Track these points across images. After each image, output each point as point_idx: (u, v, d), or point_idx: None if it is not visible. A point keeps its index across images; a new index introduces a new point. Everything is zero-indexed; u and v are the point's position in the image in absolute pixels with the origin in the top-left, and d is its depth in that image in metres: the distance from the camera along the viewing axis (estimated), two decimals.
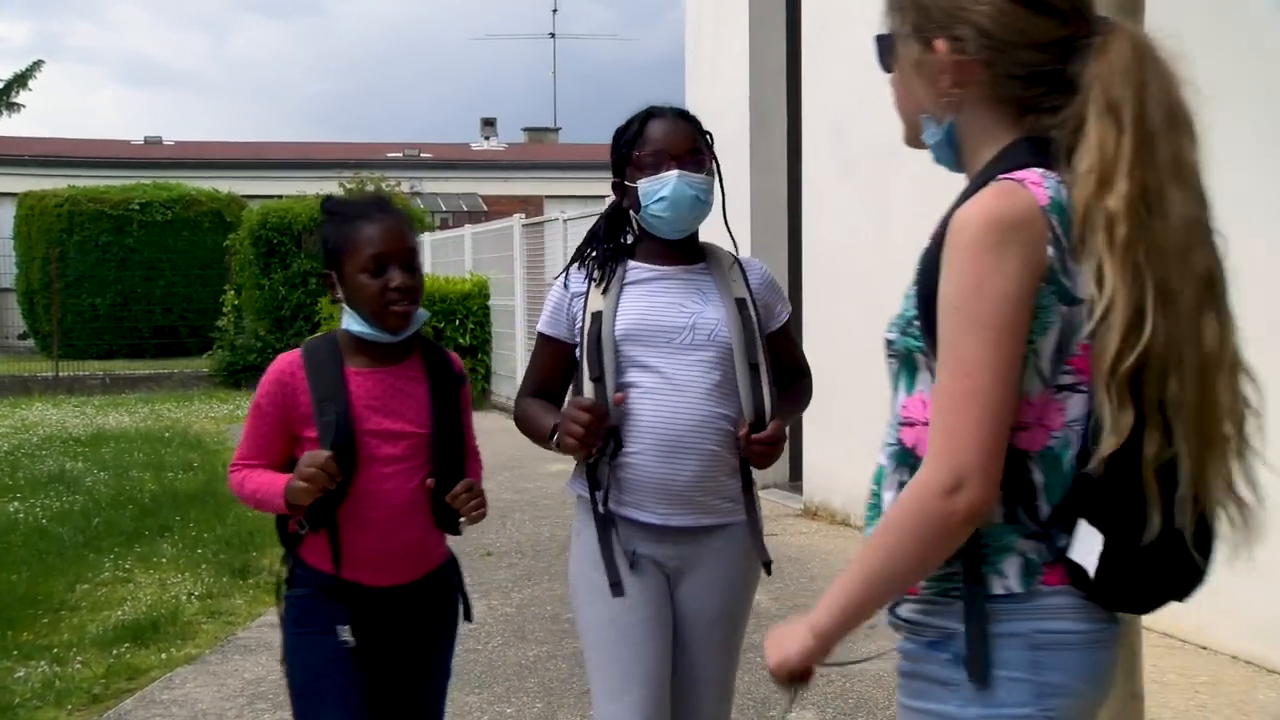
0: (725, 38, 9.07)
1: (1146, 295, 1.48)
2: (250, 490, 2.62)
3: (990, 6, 1.59)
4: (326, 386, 2.60)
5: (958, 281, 1.52)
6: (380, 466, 2.60)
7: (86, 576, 6.49)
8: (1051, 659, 1.57)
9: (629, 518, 2.63)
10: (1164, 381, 1.50)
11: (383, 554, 2.63)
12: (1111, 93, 1.53)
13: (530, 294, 13.39)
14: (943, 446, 1.51)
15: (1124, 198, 1.50)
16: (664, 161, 2.64)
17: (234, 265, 18.89)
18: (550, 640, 5.30)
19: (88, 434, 12.41)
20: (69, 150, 27.83)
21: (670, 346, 2.61)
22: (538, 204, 24.22)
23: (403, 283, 2.58)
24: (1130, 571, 1.55)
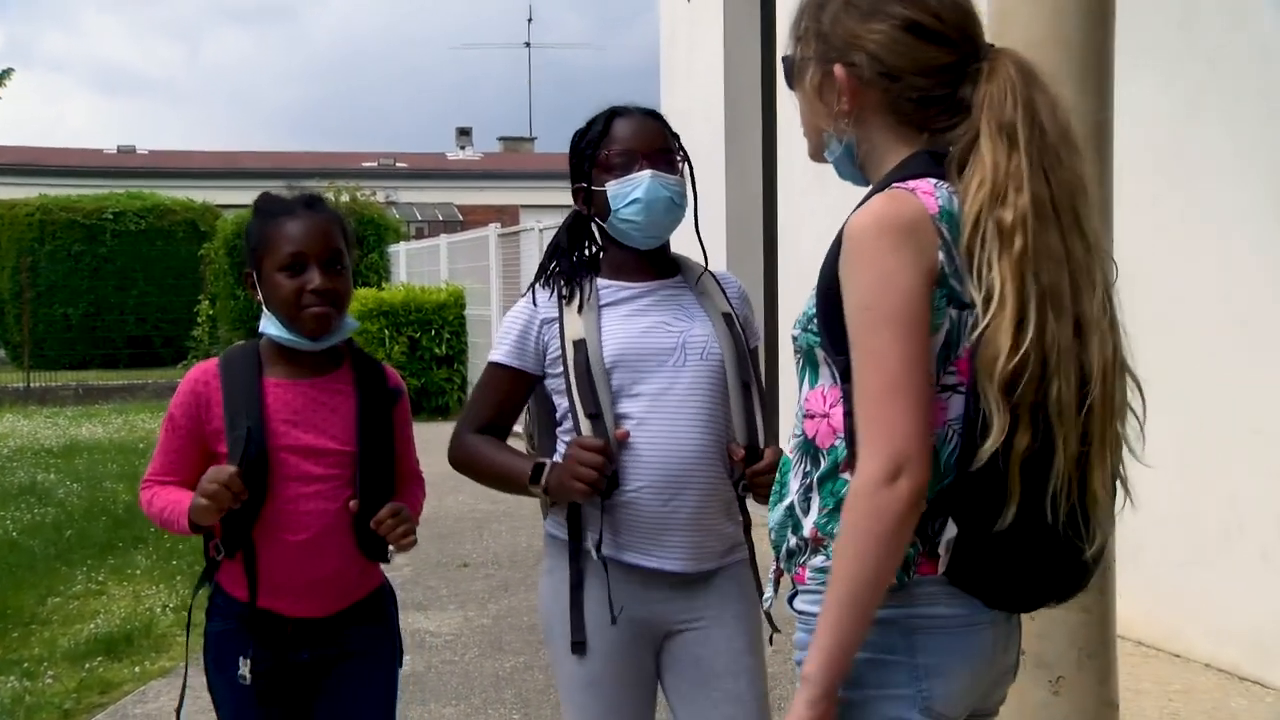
0: (699, 44, 9.09)
1: (1030, 302, 1.56)
2: (158, 509, 2.44)
3: (883, 35, 1.69)
4: (239, 398, 2.42)
5: (862, 283, 1.60)
6: (299, 485, 2.41)
7: (58, 589, 6.43)
8: (926, 641, 1.66)
9: (625, 562, 2.37)
10: (1046, 385, 1.57)
11: (303, 581, 2.43)
12: (1003, 114, 1.63)
13: (506, 303, 13.36)
14: (875, 439, 1.57)
15: (1019, 210, 1.58)
16: (634, 161, 2.42)
17: (208, 275, 18.82)
18: (527, 651, 5.28)
19: (60, 445, 12.31)
20: (41, 159, 27.64)
21: (662, 371, 2.38)
22: (513, 213, 24.20)
23: (321, 284, 2.39)
24: (990, 562, 1.63)
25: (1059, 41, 2.62)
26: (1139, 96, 4.55)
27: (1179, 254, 4.72)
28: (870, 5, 1.71)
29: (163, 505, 2.44)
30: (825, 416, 1.69)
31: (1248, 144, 4.62)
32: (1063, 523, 1.60)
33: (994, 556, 1.62)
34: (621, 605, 2.37)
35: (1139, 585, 2.47)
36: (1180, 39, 4.87)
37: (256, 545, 2.41)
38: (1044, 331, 1.57)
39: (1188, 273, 4.74)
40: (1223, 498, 4.68)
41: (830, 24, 1.74)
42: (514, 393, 2.50)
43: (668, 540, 2.36)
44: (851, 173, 1.81)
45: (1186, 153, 4.85)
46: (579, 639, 2.38)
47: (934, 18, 1.69)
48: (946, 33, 1.69)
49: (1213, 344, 4.68)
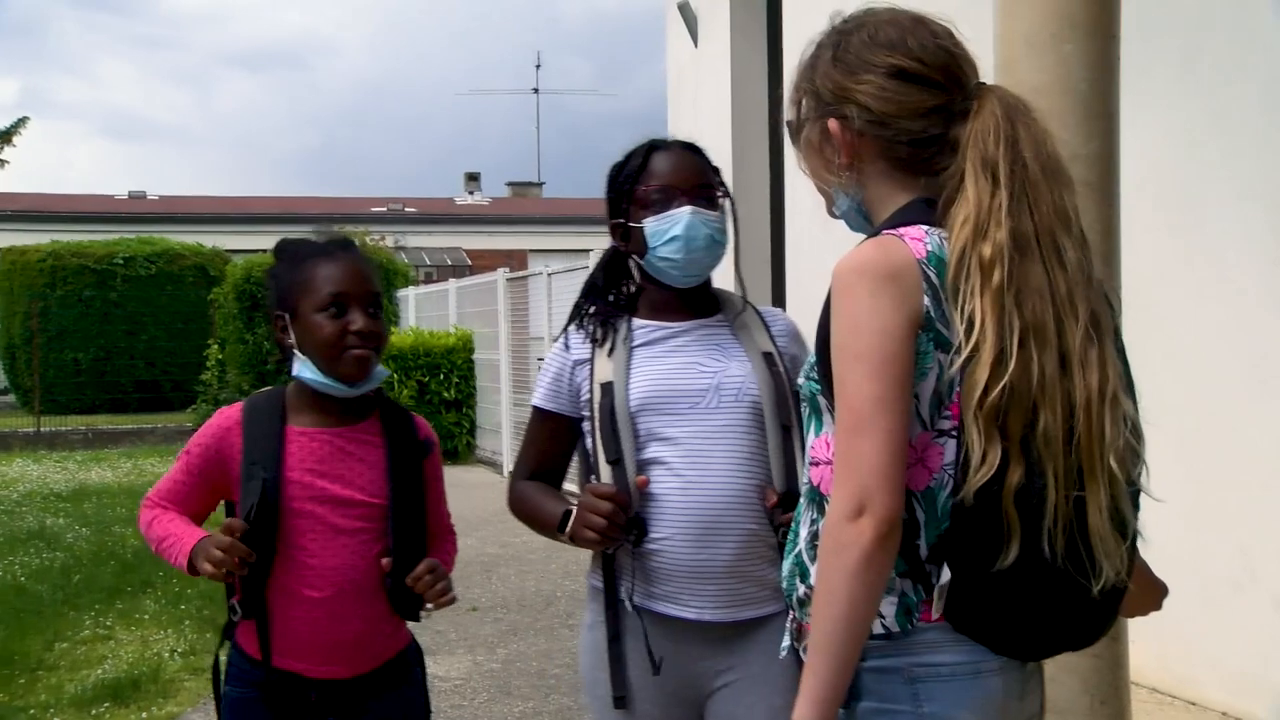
0: (706, 88, 9.16)
1: (1012, 335, 1.57)
2: (158, 535, 2.37)
3: (870, 84, 1.73)
4: (259, 448, 2.33)
5: (840, 324, 1.63)
6: (324, 539, 2.32)
7: (65, 634, 6.41)
8: (931, 690, 1.64)
9: (659, 612, 2.28)
10: (1034, 416, 1.57)
11: (327, 641, 2.33)
12: (986, 151, 1.65)
13: (514, 348, 13.38)
14: (841, 477, 1.59)
15: (998, 245, 1.60)
16: (673, 197, 2.33)
17: (217, 319, 18.85)
18: (536, 696, 5.26)
19: (69, 490, 12.31)
20: (52, 205, 27.82)
21: (694, 413, 2.29)
22: (521, 258, 24.28)
23: (365, 326, 2.33)
24: (990, 604, 1.61)
25: (1065, 89, 2.65)
26: (1141, 139, 4.58)
27: (1186, 295, 4.72)
28: (856, 58, 1.74)
29: (163, 534, 2.36)
30: (829, 463, 1.70)
31: (1250, 185, 4.64)
32: (1062, 559, 1.58)
33: (993, 597, 1.61)
34: (661, 656, 2.28)
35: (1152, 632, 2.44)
36: (1181, 81, 4.90)
37: (272, 603, 2.31)
38: (1028, 364, 1.57)
39: (1194, 314, 4.74)
40: (1234, 545, 4.65)
41: (820, 81, 1.78)
42: (555, 437, 2.45)
43: (702, 589, 2.26)
44: (861, 225, 1.83)
45: (1189, 194, 4.87)
46: (620, 693, 2.31)
47: (918, 62, 1.72)
48: (931, 75, 1.72)
49: (1221, 386, 4.67)
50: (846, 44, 1.76)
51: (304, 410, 2.40)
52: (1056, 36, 2.67)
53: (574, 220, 28.41)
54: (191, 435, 2.48)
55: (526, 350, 13.15)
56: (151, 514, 2.42)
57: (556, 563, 8.16)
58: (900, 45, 1.72)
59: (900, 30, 1.74)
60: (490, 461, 13.88)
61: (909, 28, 1.74)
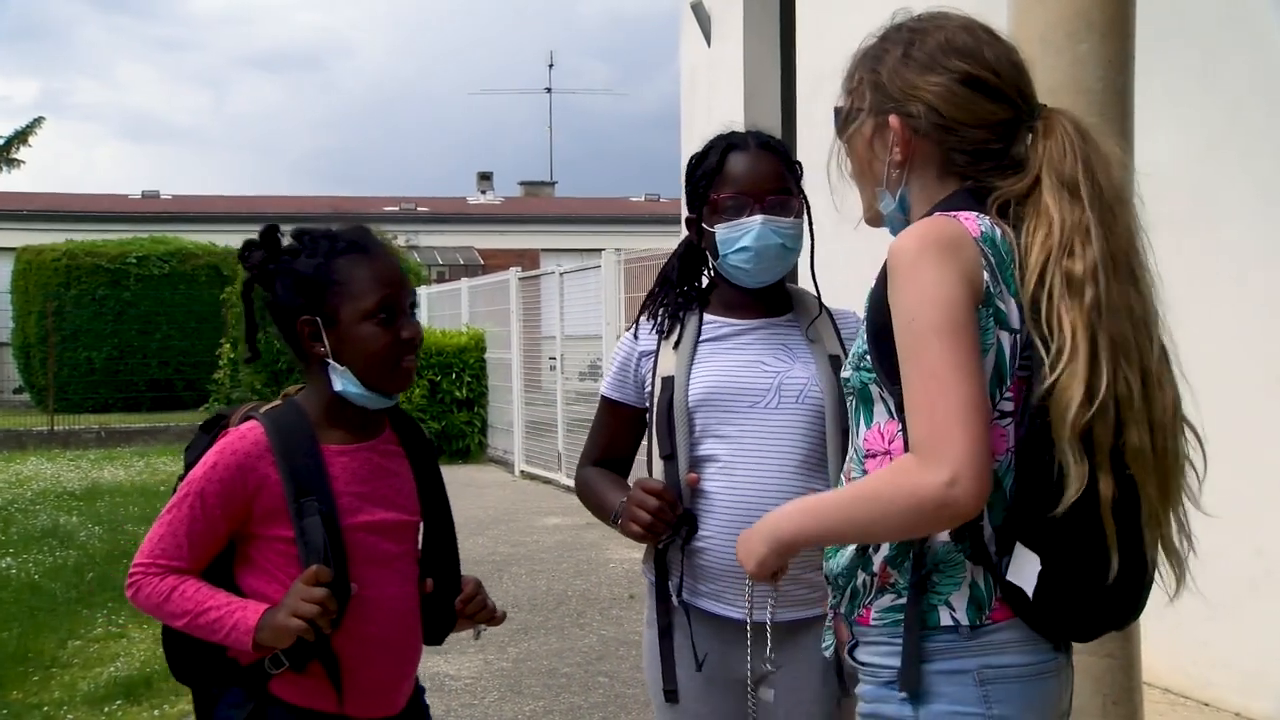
0: (719, 89, 9.15)
1: (1102, 350, 1.57)
2: (188, 609, 2.00)
3: (942, 87, 1.71)
4: (304, 476, 2.03)
5: (908, 298, 1.61)
6: (376, 568, 2.08)
7: (79, 633, 6.43)
8: (1000, 692, 1.64)
9: (705, 610, 2.29)
10: (1122, 431, 1.59)
11: (385, 677, 2.12)
12: (1063, 170, 1.66)
13: (527, 347, 13.39)
14: (931, 442, 1.56)
15: (1090, 263, 1.60)
16: (745, 205, 2.29)
17: (230, 318, 18.90)
18: (547, 695, 5.26)
19: (82, 488, 12.35)
20: (67, 205, 27.94)
21: (753, 412, 2.27)
22: (534, 257, 24.30)
23: (414, 333, 2.10)
24: (1076, 604, 1.64)
25: (1079, 90, 2.64)
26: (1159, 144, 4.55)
27: (1202, 298, 4.70)
28: (929, 58, 1.73)
29: (195, 607, 2.00)
30: (887, 454, 1.69)
31: (1268, 188, 4.62)
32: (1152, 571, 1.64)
33: (1084, 603, 1.63)
34: (705, 652, 2.29)
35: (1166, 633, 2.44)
36: (1200, 87, 4.88)
37: (338, 645, 2.03)
38: (1115, 380, 1.58)
39: (1211, 317, 4.72)
40: (1250, 547, 4.64)
41: (888, 75, 1.75)
42: (621, 425, 2.46)
43: (745, 589, 2.23)
44: (902, 225, 1.81)
45: (1206, 196, 4.85)
46: (670, 687, 2.33)
47: (992, 73, 1.71)
48: (1003, 89, 1.72)
49: (1238, 388, 4.65)
50: (921, 43, 1.74)
51: (331, 425, 2.11)
52: (1072, 36, 2.66)
53: (586, 220, 28.43)
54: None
55: (538, 349, 13.17)
56: (165, 584, 2.03)
57: (568, 562, 8.16)
58: (976, 54, 1.72)
59: (976, 40, 1.74)
60: (502, 460, 13.89)
61: (986, 40, 1.74)
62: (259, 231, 2.17)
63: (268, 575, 2.06)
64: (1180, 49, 4.82)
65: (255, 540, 2.06)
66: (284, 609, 1.96)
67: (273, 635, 1.97)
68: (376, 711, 2.12)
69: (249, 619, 1.97)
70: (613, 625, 6.38)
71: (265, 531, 2.05)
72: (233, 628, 1.98)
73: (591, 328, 11.74)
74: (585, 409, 11.85)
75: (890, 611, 1.68)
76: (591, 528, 9.08)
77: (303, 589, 1.96)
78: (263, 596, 2.03)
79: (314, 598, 1.94)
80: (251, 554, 2.08)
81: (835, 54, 1.91)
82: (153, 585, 2.03)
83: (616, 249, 11.45)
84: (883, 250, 1.99)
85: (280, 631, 1.96)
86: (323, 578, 1.97)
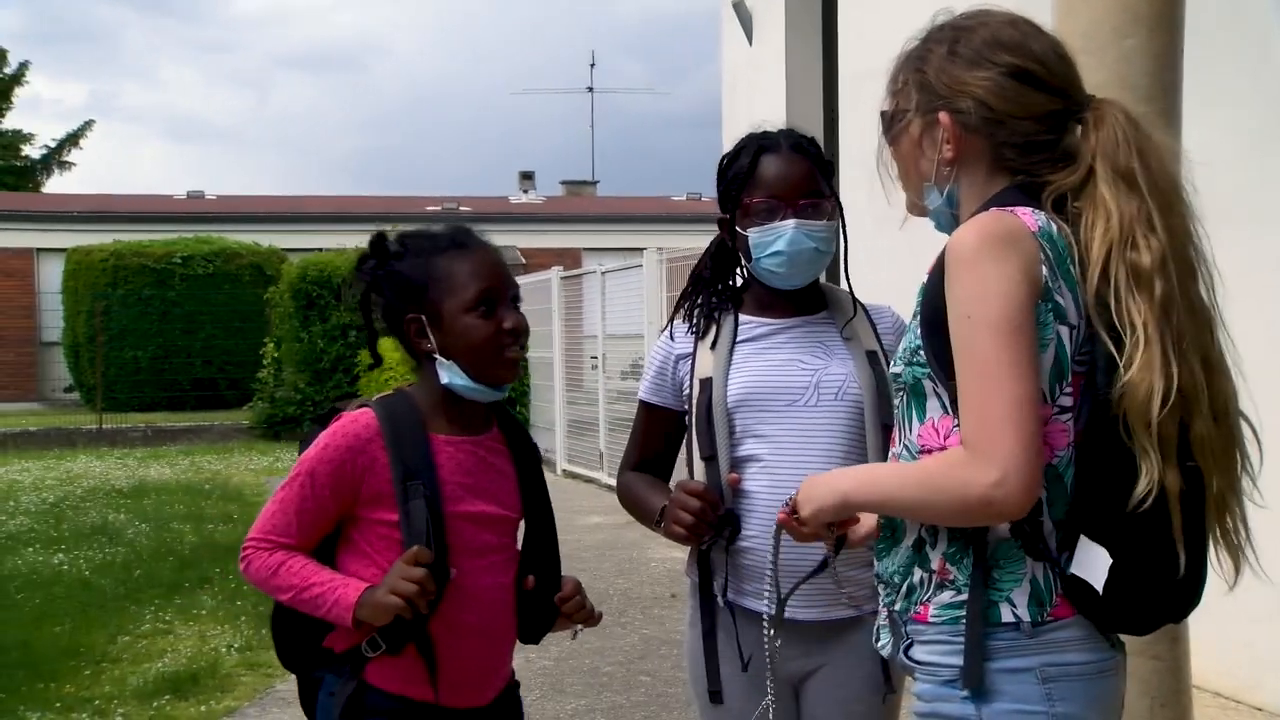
0: (760, 89, 9.13)
1: (1170, 344, 1.58)
2: (294, 584, 2.09)
3: (991, 81, 1.71)
4: (411, 458, 2.10)
5: (964, 292, 1.60)
6: (474, 558, 2.14)
7: (127, 628, 6.53)
8: (1062, 690, 1.64)
9: (750, 609, 2.25)
10: (1189, 423, 1.59)
11: (477, 668, 2.17)
12: (1118, 161, 1.65)
13: (569, 346, 13.42)
14: (981, 440, 1.57)
15: (1155, 254, 1.60)
16: (778, 209, 2.28)
17: (274, 318, 19.06)
18: (589, 694, 5.27)
19: (130, 486, 12.52)
20: (114, 205, 28.26)
21: (791, 410, 2.27)
22: (575, 256, 24.33)
23: (517, 323, 2.15)
24: (1141, 599, 1.63)
25: (1125, 86, 2.60)
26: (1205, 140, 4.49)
27: (1249, 298, 4.64)
28: (975, 54, 1.72)
29: (300, 582, 2.08)
30: (943, 449, 1.68)
31: None
32: (1219, 562, 1.65)
33: (1150, 591, 1.63)
34: (750, 653, 2.26)
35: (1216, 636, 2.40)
36: (1249, 82, 4.82)
37: (433, 632, 2.09)
38: (1182, 373, 1.58)
39: (1259, 318, 4.65)
40: None
41: (935, 74, 1.75)
42: (660, 429, 2.45)
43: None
44: (949, 223, 1.81)
45: (1255, 197, 4.78)
46: (714, 688, 2.32)
47: (1040, 65, 1.71)
48: (1052, 80, 1.71)
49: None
50: (966, 40, 1.74)
51: (441, 417, 2.17)
52: (1118, 31, 2.63)
53: (628, 219, 28.40)
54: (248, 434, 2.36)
55: (580, 348, 13.19)
56: (275, 559, 2.11)
57: (610, 561, 8.17)
58: (1023, 47, 1.72)
59: (1021, 34, 1.74)
60: (544, 459, 13.90)
61: (1030, 33, 1.74)
62: (369, 240, 2.25)
63: (368, 559, 2.12)
64: (1229, 40, 4.76)
65: (359, 523, 2.13)
66: (384, 587, 2.03)
67: (371, 612, 2.03)
68: (467, 701, 2.17)
69: (349, 595, 2.04)
70: (654, 624, 6.38)
71: (370, 514, 2.11)
72: (334, 603, 2.05)
73: (633, 327, 11.74)
74: (627, 408, 11.85)
75: (949, 608, 1.67)
76: (632, 527, 9.05)
77: (403, 568, 2.02)
78: (361, 579, 2.09)
79: (413, 577, 2.00)
80: (354, 536, 2.15)
81: (877, 53, 1.91)
82: (262, 560, 2.11)
83: (658, 248, 11.45)
84: (926, 248, 1.98)
85: (379, 609, 2.02)
86: (423, 559, 2.03)
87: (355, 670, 2.11)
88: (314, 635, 2.18)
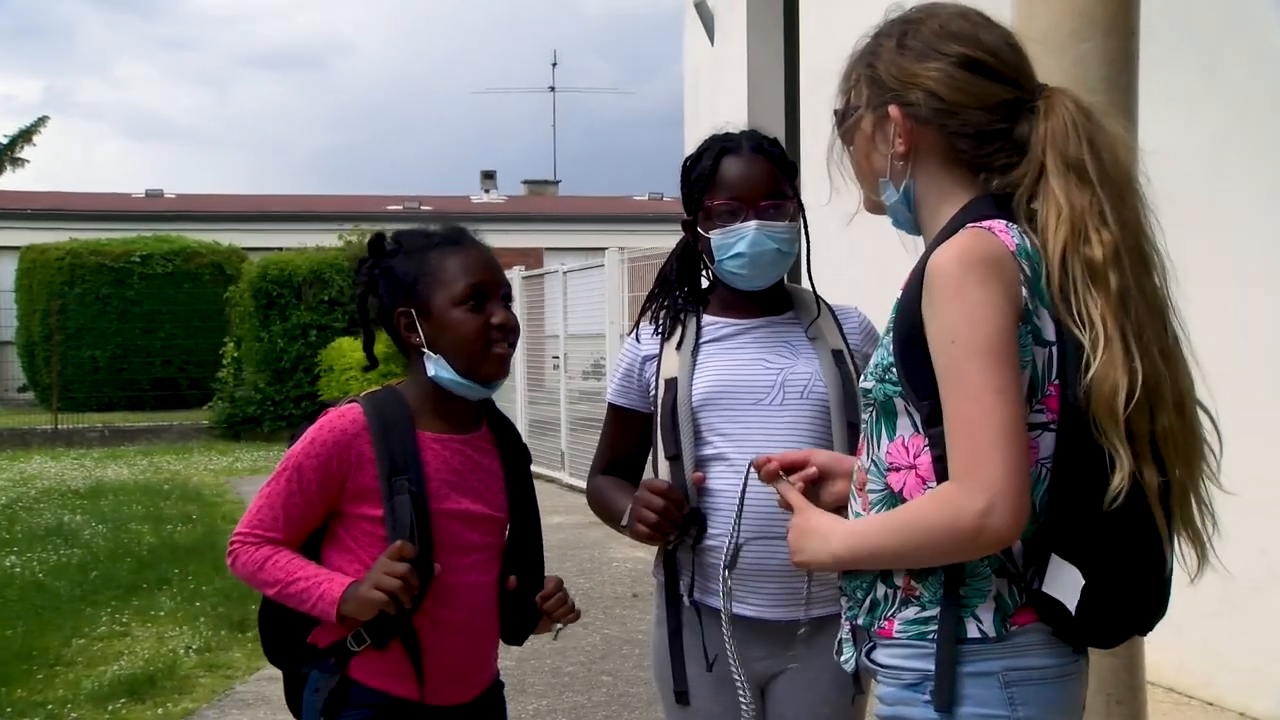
0: (723, 89, 9.15)
1: (1131, 337, 1.57)
2: (279, 579, 2.09)
3: (940, 72, 1.70)
4: (399, 455, 2.11)
5: (950, 318, 1.58)
6: (459, 555, 2.15)
7: (83, 631, 6.45)
8: (1025, 694, 1.63)
9: (717, 609, 2.21)
10: (1154, 416, 1.58)
11: (461, 664, 2.19)
12: (1068, 151, 1.64)
13: (530, 346, 13.38)
14: (970, 467, 1.55)
15: (1107, 247, 1.59)
16: (740, 211, 2.29)
17: (234, 317, 18.93)
18: (550, 694, 5.26)
19: (86, 487, 12.38)
20: (70, 204, 27.95)
21: (757, 409, 2.27)
22: (537, 256, 24.28)
23: (505, 319, 2.17)
24: (1111, 609, 1.62)
25: (1083, 89, 2.62)
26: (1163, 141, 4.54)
27: (1206, 300, 4.69)
28: (925, 46, 1.72)
29: (286, 577, 2.10)
30: (912, 468, 1.66)
31: (1274, 187, 4.61)
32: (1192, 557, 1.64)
33: (1127, 600, 1.62)
34: (716, 653, 2.26)
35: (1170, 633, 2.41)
36: (1204, 83, 4.88)
37: (418, 628, 2.11)
38: (1145, 367, 1.57)
39: (1215, 320, 4.71)
40: (1254, 547, 4.63)
41: (885, 68, 1.75)
42: (628, 432, 2.44)
43: (761, 587, 2.25)
44: (906, 219, 1.80)
45: (1211, 196, 4.84)
46: (680, 688, 2.32)
47: (991, 54, 1.70)
48: (1003, 70, 1.70)
49: (1243, 388, 4.64)
50: (915, 32, 1.74)
51: (430, 415, 2.19)
52: (1075, 35, 2.65)
53: (590, 218, 28.40)
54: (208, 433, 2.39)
55: (542, 348, 13.17)
56: (261, 553, 2.12)
57: (571, 561, 8.16)
58: (973, 38, 1.71)
59: (972, 24, 1.73)
60: None
61: (981, 23, 1.73)
62: (367, 241, 2.29)
63: (352, 554, 2.14)
64: (1182, 43, 4.81)
65: (345, 518, 2.14)
66: (368, 582, 2.04)
67: (356, 607, 2.04)
68: (450, 698, 2.18)
69: (334, 590, 2.06)
70: (616, 624, 6.38)
71: (355, 509, 2.13)
72: (319, 598, 2.06)
73: (595, 327, 11.74)
74: (589, 408, 11.85)
75: (915, 624, 1.65)
76: (594, 527, 9.08)
77: (387, 563, 2.03)
78: (346, 574, 2.11)
79: (397, 572, 2.01)
80: (340, 532, 2.16)
81: (838, 52, 1.90)
82: (249, 554, 2.13)
83: (620, 248, 11.45)
84: (885, 249, 1.98)
85: (363, 604, 2.03)
86: (407, 554, 2.04)
87: (340, 665, 2.13)
88: (300, 631, 2.19)
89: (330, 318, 17.57)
